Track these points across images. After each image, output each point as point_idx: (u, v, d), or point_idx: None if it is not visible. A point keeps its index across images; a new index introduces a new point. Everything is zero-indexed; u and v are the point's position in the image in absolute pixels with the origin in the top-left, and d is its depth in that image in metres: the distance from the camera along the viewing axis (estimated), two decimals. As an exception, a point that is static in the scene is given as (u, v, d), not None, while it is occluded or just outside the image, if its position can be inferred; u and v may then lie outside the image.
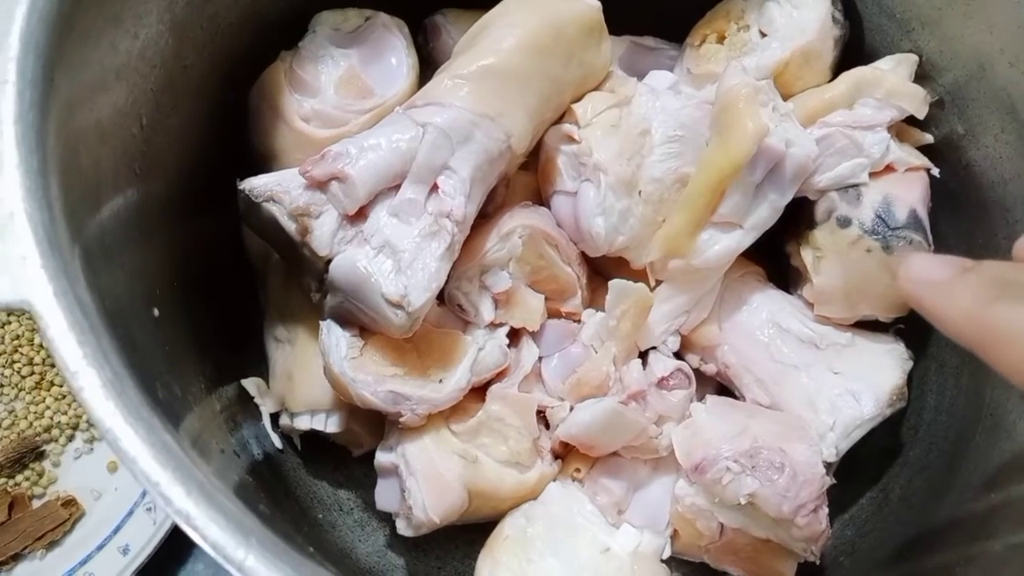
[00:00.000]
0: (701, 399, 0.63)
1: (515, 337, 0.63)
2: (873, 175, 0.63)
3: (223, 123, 0.61)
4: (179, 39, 0.53)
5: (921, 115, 0.63)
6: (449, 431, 0.59)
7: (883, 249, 0.61)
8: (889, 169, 0.63)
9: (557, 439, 0.62)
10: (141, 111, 0.50)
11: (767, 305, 0.65)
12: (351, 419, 0.62)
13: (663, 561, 0.62)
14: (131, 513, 0.74)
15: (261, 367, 0.65)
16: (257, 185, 0.55)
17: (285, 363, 0.63)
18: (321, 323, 0.56)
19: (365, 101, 0.62)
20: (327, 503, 0.66)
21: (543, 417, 0.63)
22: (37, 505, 0.76)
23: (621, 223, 0.61)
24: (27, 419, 0.79)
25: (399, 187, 0.55)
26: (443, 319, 0.61)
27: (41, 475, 0.78)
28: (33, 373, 0.81)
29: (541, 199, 0.65)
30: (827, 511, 0.57)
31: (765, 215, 0.61)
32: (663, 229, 0.61)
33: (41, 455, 0.79)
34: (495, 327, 0.62)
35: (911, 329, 0.65)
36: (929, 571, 0.56)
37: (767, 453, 0.57)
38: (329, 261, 0.55)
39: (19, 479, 0.77)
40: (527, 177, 0.65)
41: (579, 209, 0.61)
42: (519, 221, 0.60)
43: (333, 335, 0.56)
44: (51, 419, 0.80)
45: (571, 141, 0.61)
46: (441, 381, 0.58)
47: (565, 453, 0.64)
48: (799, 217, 0.65)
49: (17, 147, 0.37)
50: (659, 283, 0.63)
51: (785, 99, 0.62)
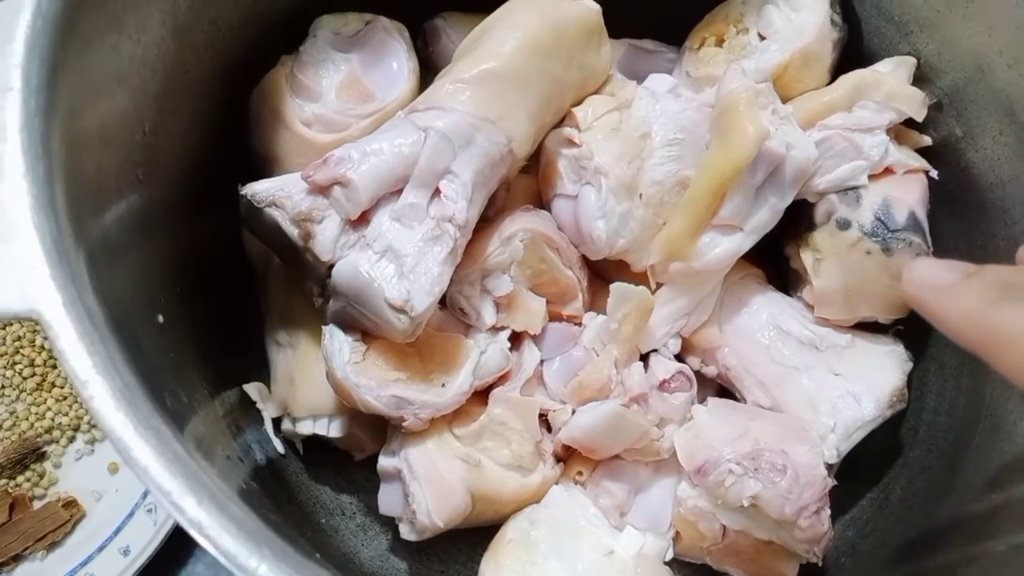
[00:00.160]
0: (702, 401, 0.63)
1: (516, 341, 0.63)
2: (872, 177, 0.63)
3: (224, 127, 0.61)
4: (180, 43, 0.52)
5: (920, 117, 0.63)
6: (452, 435, 0.59)
7: (883, 251, 0.61)
8: (888, 171, 0.63)
9: (559, 442, 0.62)
10: (143, 116, 0.50)
11: (767, 307, 0.65)
12: (353, 423, 0.62)
13: (666, 563, 0.62)
14: (132, 514, 0.74)
15: (262, 372, 0.65)
16: (259, 190, 0.54)
17: (287, 367, 0.63)
18: (324, 328, 0.56)
19: (366, 105, 0.62)
20: (329, 507, 0.66)
21: (545, 420, 0.63)
22: (38, 506, 0.76)
23: (622, 226, 0.61)
24: (28, 420, 0.79)
25: (401, 192, 0.55)
26: (445, 323, 0.60)
27: (42, 476, 0.78)
28: (35, 375, 0.81)
29: (541, 202, 0.65)
30: (829, 512, 0.57)
31: (765, 218, 0.61)
32: (664, 232, 0.61)
33: (42, 456, 0.79)
34: (497, 331, 0.61)
35: (910, 330, 0.65)
36: (931, 572, 0.56)
37: (769, 455, 0.57)
38: (331, 266, 0.54)
39: (20, 480, 0.77)
40: (527, 180, 0.65)
41: (580, 212, 0.61)
42: (520, 225, 0.60)
43: (336, 340, 0.56)
44: (52, 420, 0.80)
45: (572, 145, 0.61)
46: (444, 385, 0.58)
47: (567, 456, 0.64)
48: (798, 219, 0.65)
49: (23, 155, 0.37)
50: (660, 286, 0.63)
51: (784, 102, 0.62)
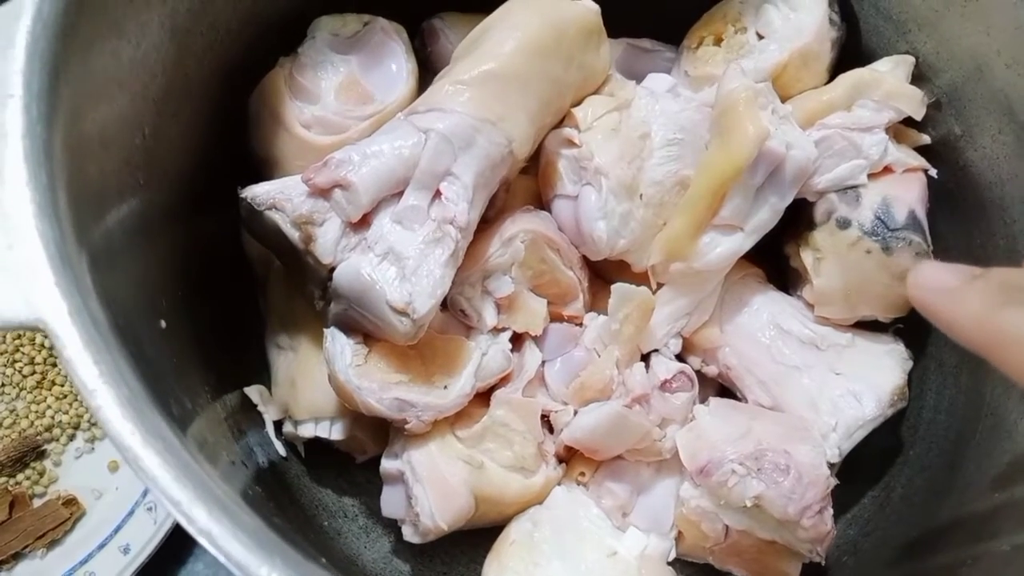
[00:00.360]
0: (703, 401, 0.63)
1: (518, 342, 0.63)
2: (871, 176, 0.63)
3: (223, 129, 0.60)
4: (179, 46, 0.52)
5: (919, 116, 0.63)
6: (454, 437, 0.59)
7: (882, 250, 0.61)
8: (887, 170, 0.63)
9: (561, 443, 0.62)
10: (143, 120, 0.49)
11: (768, 307, 0.65)
12: (355, 426, 0.62)
13: (668, 563, 0.62)
14: (132, 513, 0.74)
15: (263, 375, 0.65)
16: (259, 193, 0.54)
17: (288, 370, 0.62)
18: (325, 331, 0.56)
19: (365, 107, 0.61)
20: (331, 510, 0.66)
21: (547, 421, 0.62)
22: (38, 504, 0.76)
23: (622, 226, 0.61)
24: (28, 418, 0.79)
25: (402, 194, 0.55)
26: (446, 325, 0.60)
27: (42, 474, 0.77)
28: (34, 372, 0.81)
29: (541, 203, 0.65)
30: (832, 512, 0.57)
31: (766, 217, 0.61)
32: (664, 232, 0.61)
33: (42, 454, 0.78)
34: (498, 332, 0.61)
35: (910, 329, 0.65)
36: (933, 571, 0.56)
37: (772, 455, 0.57)
38: (333, 269, 0.54)
39: (20, 478, 0.77)
40: (527, 181, 0.65)
41: (580, 213, 0.61)
42: (521, 226, 0.60)
43: (337, 343, 0.56)
44: (52, 418, 0.79)
45: (571, 145, 0.61)
46: (446, 387, 0.58)
47: (569, 457, 0.64)
48: (798, 219, 0.65)
49: (26, 161, 0.37)
50: (660, 286, 0.63)
51: (783, 101, 0.62)
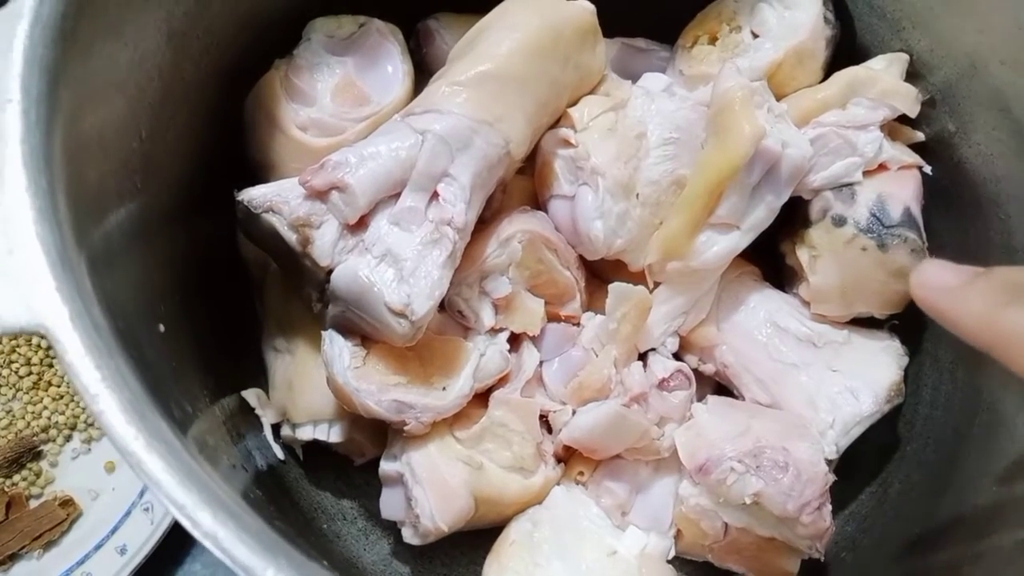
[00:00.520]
0: (701, 399, 0.64)
1: (515, 342, 0.63)
2: (866, 174, 0.63)
3: (220, 132, 0.60)
4: (176, 49, 0.52)
5: (913, 114, 0.63)
6: (453, 438, 0.59)
7: (878, 247, 0.61)
8: (882, 168, 0.64)
9: (560, 443, 0.62)
10: (140, 123, 0.49)
11: (764, 305, 0.66)
12: (353, 428, 0.62)
13: (668, 561, 0.62)
14: (128, 513, 0.74)
15: (259, 378, 0.65)
16: (256, 196, 0.54)
17: (285, 373, 0.62)
18: (323, 333, 0.56)
19: (362, 109, 0.61)
20: (331, 513, 0.66)
21: (545, 421, 0.63)
22: (35, 505, 0.76)
23: (619, 226, 0.61)
24: (24, 419, 0.79)
25: (399, 195, 0.55)
26: (444, 326, 0.60)
27: (39, 475, 0.77)
28: (31, 373, 0.80)
29: (538, 204, 0.65)
30: (830, 508, 0.58)
31: (762, 216, 0.61)
32: (661, 231, 0.61)
33: (39, 455, 0.78)
34: (495, 332, 0.61)
35: (905, 325, 0.65)
36: (935, 568, 0.56)
37: (771, 452, 0.58)
38: (330, 271, 0.54)
39: (16, 479, 0.77)
40: (523, 182, 0.65)
41: (577, 213, 0.61)
42: (518, 226, 0.60)
43: (336, 345, 0.56)
44: (49, 419, 0.79)
45: (568, 145, 0.61)
46: (444, 388, 0.58)
47: (568, 457, 0.64)
48: (793, 216, 0.65)
49: (25, 166, 0.37)
50: (657, 285, 0.63)
51: (778, 100, 0.62)
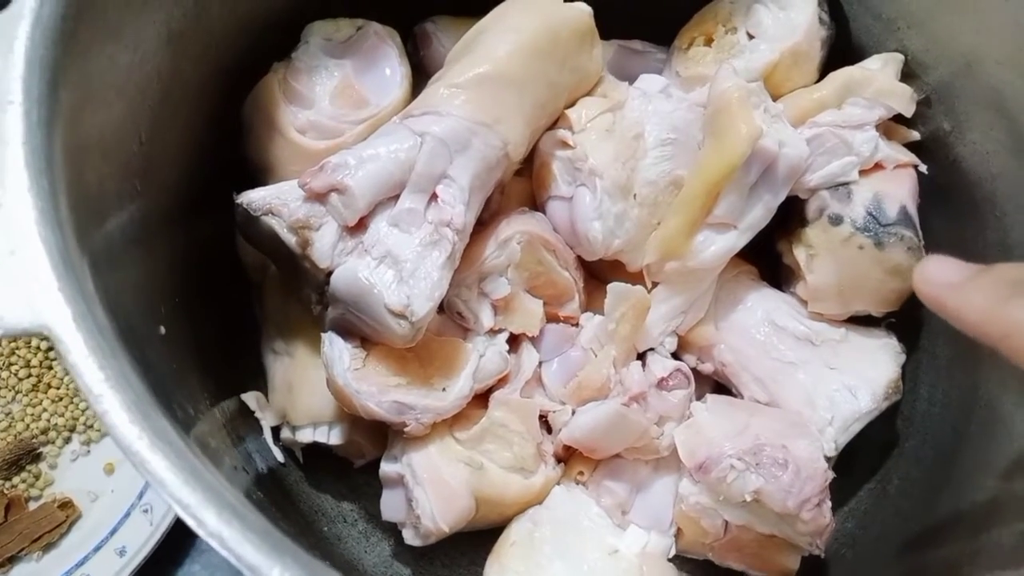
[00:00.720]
0: (699, 398, 0.64)
1: (514, 343, 0.63)
2: (863, 173, 0.64)
3: (219, 135, 0.60)
4: (175, 52, 0.52)
5: (909, 113, 0.64)
6: (453, 439, 0.59)
7: (875, 246, 0.62)
8: (878, 167, 0.64)
9: (560, 443, 0.62)
10: (140, 126, 0.49)
11: (762, 303, 0.66)
12: (353, 430, 0.62)
13: (668, 560, 0.62)
14: (128, 515, 0.74)
15: (258, 380, 0.65)
16: (255, 199, 0.54)
17: (285, 376, 0.62)
18: (323, 335, 0.56)
19: (360, 111, 0.61)
20: (331, 515, 0.66)
21: (545, 421, 0.63)
22: (34, 507, 0.76)
23: (617, 226, 0.61)
24: (24, 421, 0.79)
25: (398, 197, 0.55)
26: (443, 327, 0.60)
27: (38, 477, 0.77)
28: (30, 375, 0.80)
29: (535, 205, 0.65)
30: (830, 504, 0.58)
31: (759, 215, 0.61)
32: (659, 231, 0.61)
33: (38, 457, 0.78)
34: (495, 333, 0.61)
35: (902, 323, 0.66)
36: (936, 563, 0.56)
37: (770, 450, 0.58)
38: (330, 273, 0.54)
39: (16, 481, 0.77)
40: (521, 183, 0.65)
41: (576, 214, 0.61)
42: (517, 227, 0.60)
43: (335, 347, 0.56)
44: (48, 421, 0.79)
45: (566, 147, 0.61)
46: (444, 389, 0.58)
47: (567, 457, 0.64)
48: (790, 216, 0.65)
49: (27, 168, 0.37)
50: (655, 285, 0.63)
51: (774, 100, 0.63)
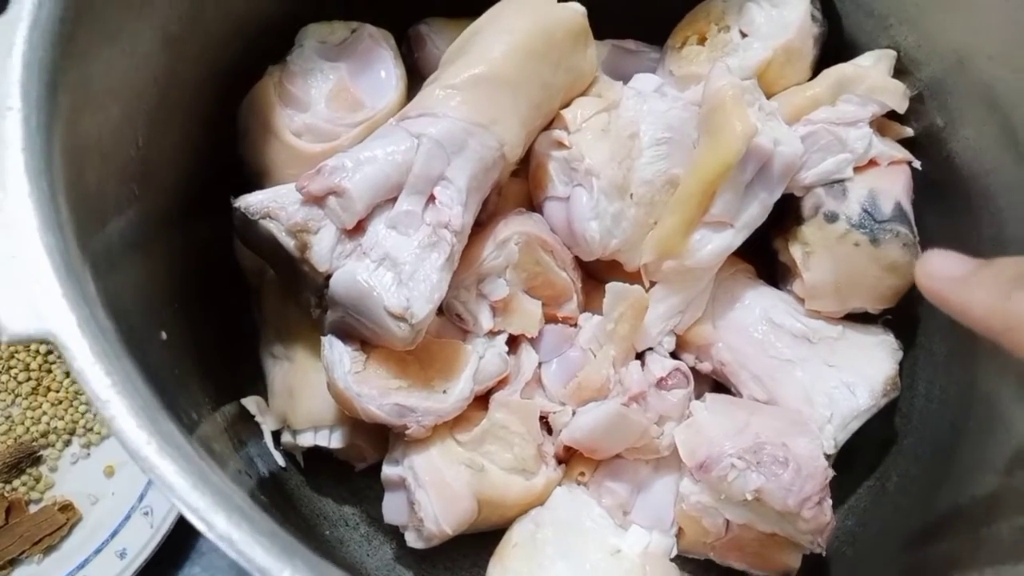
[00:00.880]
0: (698, 398, 0.64)
1: (513, 344, 0.63)
2: (857, 170, 0.64)
3: (216, 139, 0.60)
4: (171, 56, 0.52)
5: (902, 110, 0.64)
6: (454, 441, 0.59)
7: (871, 242, 0.62)
8: (872, 163, 0.64)
9: (561, 444, 0.62)
10: (138, 130, 0.49)
11: (759, 302, 0.66)
12: (354, 433, 0.62)
13: (670, 560, 0.62)
14: (128, 517, 0.74)
15: (258, 384, 0.64)
16: (252, 202, 0.54)
17: (285, 380, 0.62)
18: (323, 339, 0.56)
19: (356, 114, 0.61)
20: (333, 519, 0.65)
21: (545, 423, 0.63)
22: (34, 510, 0.76)
23: (615, 226, 0.61)
24: (24, 424, 0.78)
25: (396, 199, 0.55)
26: (443, 329, 0.60)
27: (38, 480, 0.77)
28: (30, 379, 0.80)
29: (532, 205, 0.65)
30: (831, 502, 0.58)
31: (755, 213, 0.62)
32: (656, 231, 0.61)
33: (38, 460, 0.78)
34: (494, 335, 0.61)
35: (898, 320, 0.66)
36: (937, 559, 0.56)
37: (770, 448, 0.58)
38: (329, 276, 0.54)
39: (16, 484, 0.77)
40: (518, 184, 0.65)
41: (573, 214, 0.61)
42: (515, 228, 0.60)
43: (336, 350, 0.55)
44: (48, 424, 0.79)
45: (562, 147, 0.61)
46: (445, 392, 0.58)
47: (568, 458, 0.64)
48: (785, 213, 0.66)
49: (27, 173, 0.37)
50: (653, 284, 0.63)
51: (768, 98, 0.63)
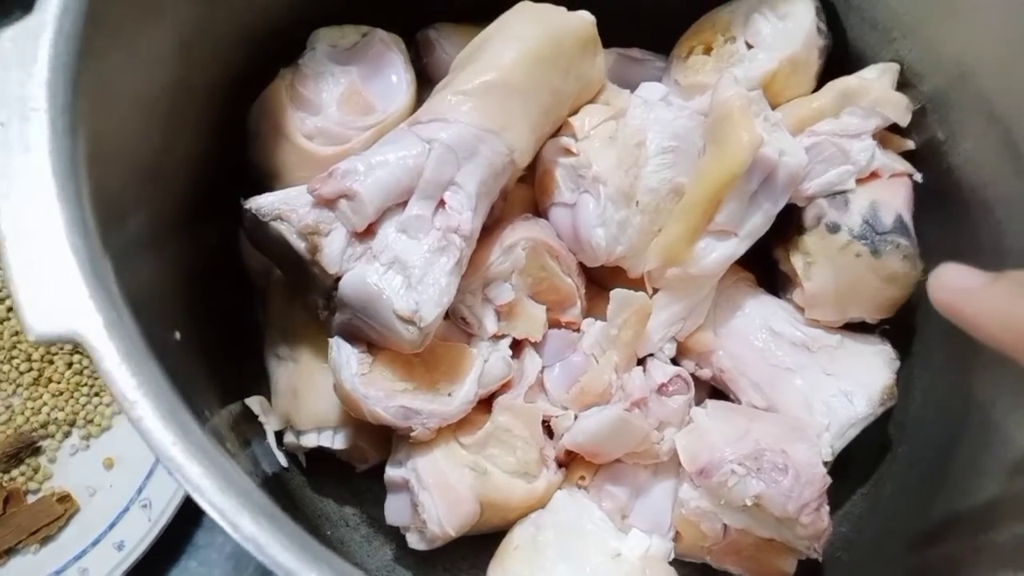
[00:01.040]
0: (697, 404, 0.65)
1: (517, 348, 0.63)
2: (859, 182, 0.65)
3: (228, 141, 0.60)
4: (185, 60, 0.52)
5: (904, 123, 0.65)
6: (458, 444, 0.60)
7: (871, 253, 0.63)
8: (874, 175, 0.65)
9: (562, 448, 0.63)
10: (154, 133, 0.50)
11: (760, 310, 0.67)
12: (358, 434, 0.62)
13: (668, 563, 0.63)
14: (126, 509, 0.74)
15: (260, 385, 0.65)
16: (264, 204, 0.54)
17: (289, 380, 0.62)
18: (330, 340, 0.56)
19: (367, 117, 0.62)
20: (333, 520, 0.66)
21: (547, 426, 0.63)
22: (32, 500, 0.76)
23: (620, 233, 0.61)
24: (24, 415, 0.78)
25: (406, 204, 0.55)
26: (447, 333, 0.61)
27: (37, 471, 0.77)
28: (31, 369, 0.80)
29: (537, 211, 0.66)
30: (828, 509, 0.59)
31: (759, 223, 0.62)
32: (661, 238, 0.62)
33: (37, 451, 0.78)
34: (498, 339, 0.62)
35: (895, 329, 0.67)
36: (931, 566, 0.57)
37: (770, 455, 0.58)
38: (338, 278, 0.54)
39: (15, 474, 0.77)
40: (523, 190, 0.65)
41: (579, 220, 0.62)
42: (521, 234, 0.61)
43: (343, 352, 0.56)
44: (48, 415, 0.79)
45: (569, 154, 0.62)
46: (450, 394, 0.58)
47: (569, 461, 0.65)
48: (787, 223, 0.66)
49: (54, 175, 0.37)
50: (656, 291, 0.64)
51: (772, 109, 0.64)
